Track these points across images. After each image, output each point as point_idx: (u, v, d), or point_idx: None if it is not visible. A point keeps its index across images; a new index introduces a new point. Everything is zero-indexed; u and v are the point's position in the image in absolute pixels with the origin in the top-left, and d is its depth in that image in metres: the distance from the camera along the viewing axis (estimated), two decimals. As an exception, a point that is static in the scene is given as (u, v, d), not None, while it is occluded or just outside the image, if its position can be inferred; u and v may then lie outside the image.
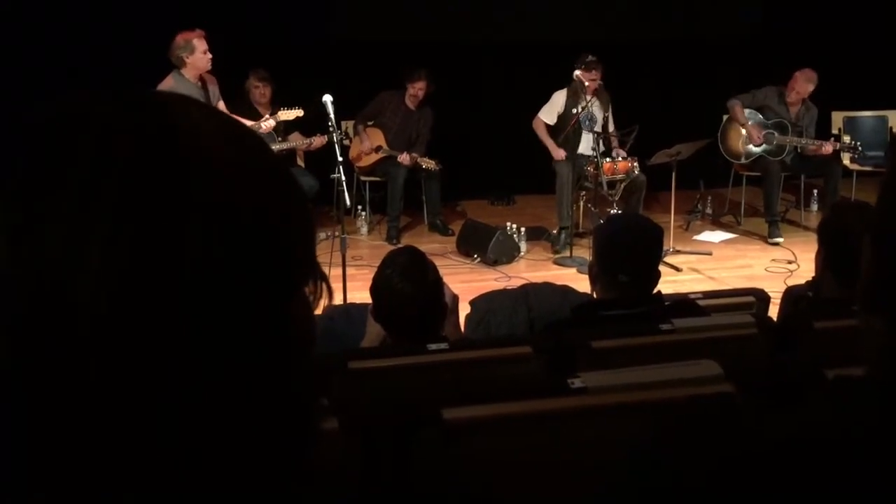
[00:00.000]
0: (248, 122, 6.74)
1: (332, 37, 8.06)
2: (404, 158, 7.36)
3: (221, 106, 6.73)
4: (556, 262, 6.89)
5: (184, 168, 0.54)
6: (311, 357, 0.63)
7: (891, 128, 8.33)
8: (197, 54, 6.35)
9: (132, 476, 0.53)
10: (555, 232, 7.29)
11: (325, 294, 0.64)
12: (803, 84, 7.42)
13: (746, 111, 7.65)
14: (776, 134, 7.55)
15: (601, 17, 8.56)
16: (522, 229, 7.21)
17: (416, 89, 7.47)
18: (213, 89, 6.67)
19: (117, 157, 0.53)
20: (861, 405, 0.77)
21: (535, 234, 7.43)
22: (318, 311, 0.65)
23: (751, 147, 7.67)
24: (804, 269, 6.19)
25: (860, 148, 7.37)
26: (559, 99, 7.36)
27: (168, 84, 6.43)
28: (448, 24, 8.37)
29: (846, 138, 7.77)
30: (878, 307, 0.74)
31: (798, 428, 0.79)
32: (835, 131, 8.32)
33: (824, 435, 0.76)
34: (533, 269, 6.77)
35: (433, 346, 2.52)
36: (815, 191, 8.19)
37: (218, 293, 0.54)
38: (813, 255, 3.10)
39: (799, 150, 7.58)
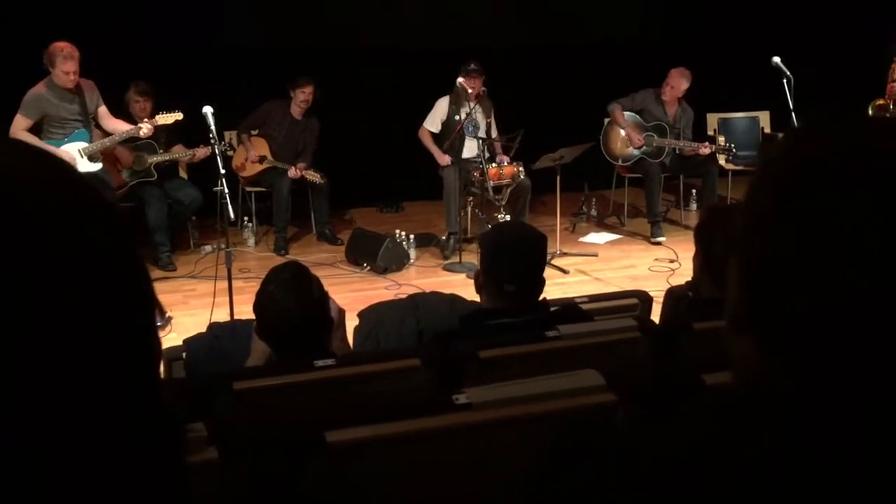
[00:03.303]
0: (126, 126, 6.56)
1: (214, 46, 7.89)
2: (294, 173, 7.27)
3: (103, 112, 6.55)
4: (446, 268, 6.92)
5: (19, 218, 0.53)
6: (161, 389, 0.62)
7: (762, 128, 8.68)
8: (57, 70, 6.17)
9: None
10: (444, 238, 7.32)
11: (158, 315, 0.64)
12: (678, 79, 7.64)
13: (626, 114, 7.84)
14: (655, 136, 7.76)
15: (483, 24, 8.62)
16: (412, 236, 7.21)
17: (306, 94, 7.37)
18: (92, 96, 6.47)
19: None
20: (734, 421, 0.79)
21: (425, 241, 7.44)
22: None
23: (631, 149, 7.86)
24: (685, 267, 6.37)
25: (734, 150, 7.65)
26: (442, 106, 7.40)
27: (38, 91, 6.25)
28: (330, 32, 8.30)
29: (721, 140, 8.03)
30: (744, 328, 0.75)
31: (678, 444, 0.80)
32: (710, 132, 8.60)
33: (701, 451, 0.77)
34: (423, 275, 6.78)
35: (320, 363, 2.49)
36: (694, 191, 8.45)
37: (69, 337, 0.53)
38: (693, 254, 3.19)
39: (677, 152, 7.81)
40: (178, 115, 6.56)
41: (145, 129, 6.51)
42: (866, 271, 0.66)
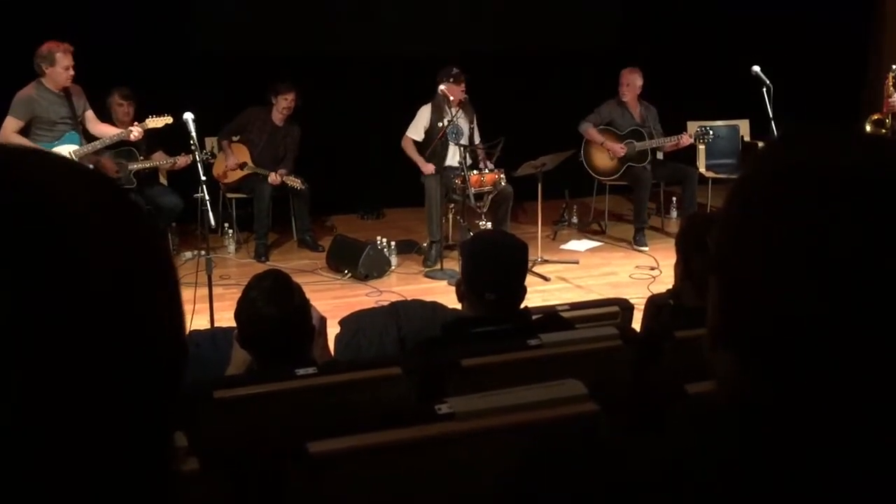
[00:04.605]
0: (115, 130, 6.53)
1: (194, 50, 7.86)
2: (274, 179, 7.25)
3: (90, 116, 6.54)
4: (427, 275, 6.91)
5: (40, 227, 0.53)
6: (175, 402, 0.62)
7: (742, 136, 8.72)
8: (57, 68, 6.15)
9: None
10: (425, 245, 7.32)
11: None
12: (630, 76, 7.70)
13: (600, 128, 7.86)
14: (635, 142, 7.77)
15: (463, 30, 8.64)
16: (393, 243, 7.19)
17: (289, 101, 7.37)
18: (79, 100, 6.46)
19: None
20: (716, 433, 0.79)
21: (406, 248, 7.43)
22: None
23: (616, 161, 7.82)
24: (666, 274, 6.38)
25: (711, 131, 7.69)
26: (424, 114, 7.39)
27: (28, 93, 6.22)
28: (311, 36, 8.29)
29: (696, 128, 8.04)
30: (726, 344, 0.75)
31: (659, 454, 0.80)
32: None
33: (683, 463, 0.77)
34: (404, 282, 6.77)
35: (301, 371, 2.48)
36: (675, 198, 8.48)
37: (80, 349, 0.53)
38: (674, 261, 3.21)
39: (658, 156, 7.83)
40: (168, 119, 6.51)
41: (136, 132, 6.48)
42: (832, 289, 0.65)
